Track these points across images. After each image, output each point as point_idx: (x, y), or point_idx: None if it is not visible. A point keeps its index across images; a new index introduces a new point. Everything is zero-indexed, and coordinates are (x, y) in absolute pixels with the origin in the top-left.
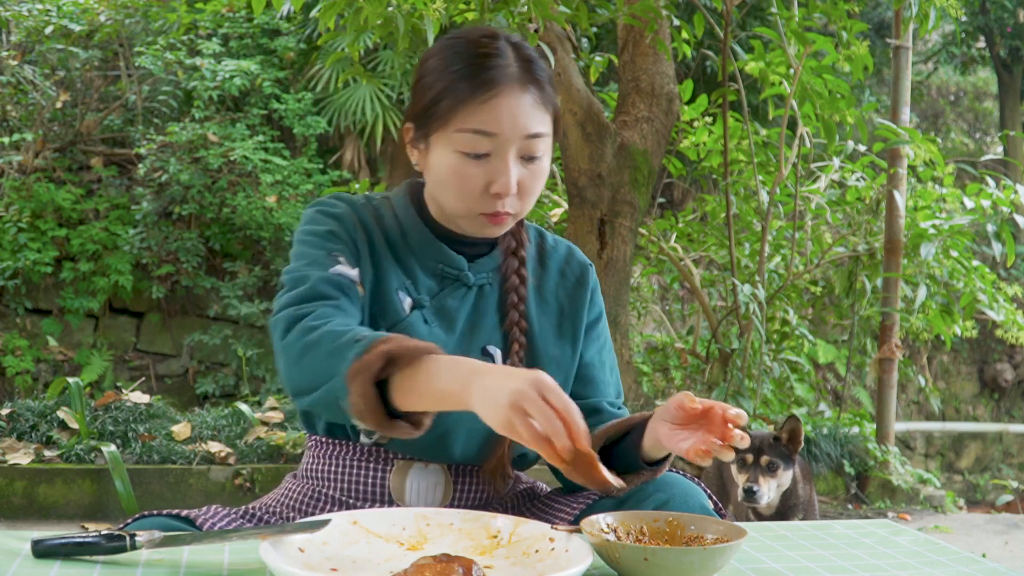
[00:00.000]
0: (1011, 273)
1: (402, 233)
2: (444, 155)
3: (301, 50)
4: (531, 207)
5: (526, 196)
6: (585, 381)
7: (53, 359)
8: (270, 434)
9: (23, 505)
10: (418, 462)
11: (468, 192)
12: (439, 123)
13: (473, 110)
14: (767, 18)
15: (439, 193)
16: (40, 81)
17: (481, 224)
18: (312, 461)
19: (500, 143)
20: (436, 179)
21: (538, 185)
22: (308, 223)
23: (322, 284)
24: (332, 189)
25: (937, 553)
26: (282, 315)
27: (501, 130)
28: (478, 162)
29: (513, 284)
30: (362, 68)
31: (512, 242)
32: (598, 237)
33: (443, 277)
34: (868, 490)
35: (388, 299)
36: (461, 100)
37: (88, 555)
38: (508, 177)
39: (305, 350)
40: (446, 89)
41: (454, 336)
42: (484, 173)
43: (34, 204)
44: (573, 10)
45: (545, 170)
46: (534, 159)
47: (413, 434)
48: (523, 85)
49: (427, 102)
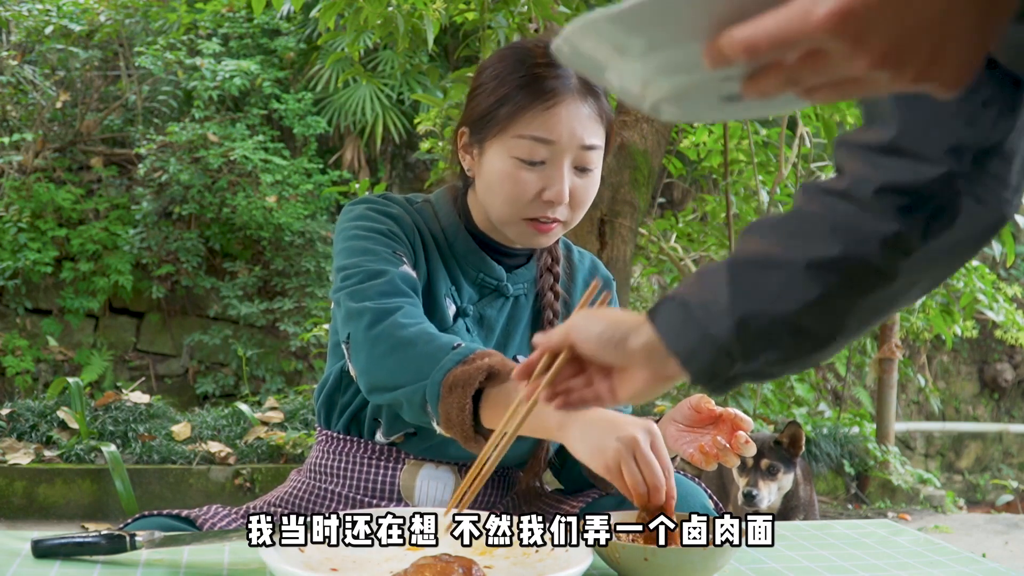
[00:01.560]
0: (1011, 273)
1: (446, 240)
2: (499, 161)
3: (301, 50)
4: (580, 218)
5: (577, 206)
6: None
7: (53, 359)
8: (270, 434)
9: (23, 505)
10: (429, 462)
11: (520, 198)
12: (497, 129)
13: (533, 117)
14: None
15: (490, 198)
16: (40, 81)
17: (528, 233)
18: (321, 456)
19: (556, 152)
20: (489, 184)
21: (589, 196)
22: (362, 219)
23: (400, 280)
24: (332, 189)
25: (937, 553)
26: (365, 307)
27: (559, 138)
28: (533, 169)
29: (549, 300)
30: (362, 68)
31: (548, 258)
32: (598, 237)
33: (482, 286)
34: (868, 490)
35: (437, 304)
36: (521, 107)
37: (88, 555)
38: (562, 185)
39: (396, 347)
40: (506, 96)
41: (491, 345)
42: (538, 180)
43: (34, 204)
44: (573, 10)
45: (596, 182)
46: (587, 170)
47: None
48: (583, 96)
49: (486, 108)
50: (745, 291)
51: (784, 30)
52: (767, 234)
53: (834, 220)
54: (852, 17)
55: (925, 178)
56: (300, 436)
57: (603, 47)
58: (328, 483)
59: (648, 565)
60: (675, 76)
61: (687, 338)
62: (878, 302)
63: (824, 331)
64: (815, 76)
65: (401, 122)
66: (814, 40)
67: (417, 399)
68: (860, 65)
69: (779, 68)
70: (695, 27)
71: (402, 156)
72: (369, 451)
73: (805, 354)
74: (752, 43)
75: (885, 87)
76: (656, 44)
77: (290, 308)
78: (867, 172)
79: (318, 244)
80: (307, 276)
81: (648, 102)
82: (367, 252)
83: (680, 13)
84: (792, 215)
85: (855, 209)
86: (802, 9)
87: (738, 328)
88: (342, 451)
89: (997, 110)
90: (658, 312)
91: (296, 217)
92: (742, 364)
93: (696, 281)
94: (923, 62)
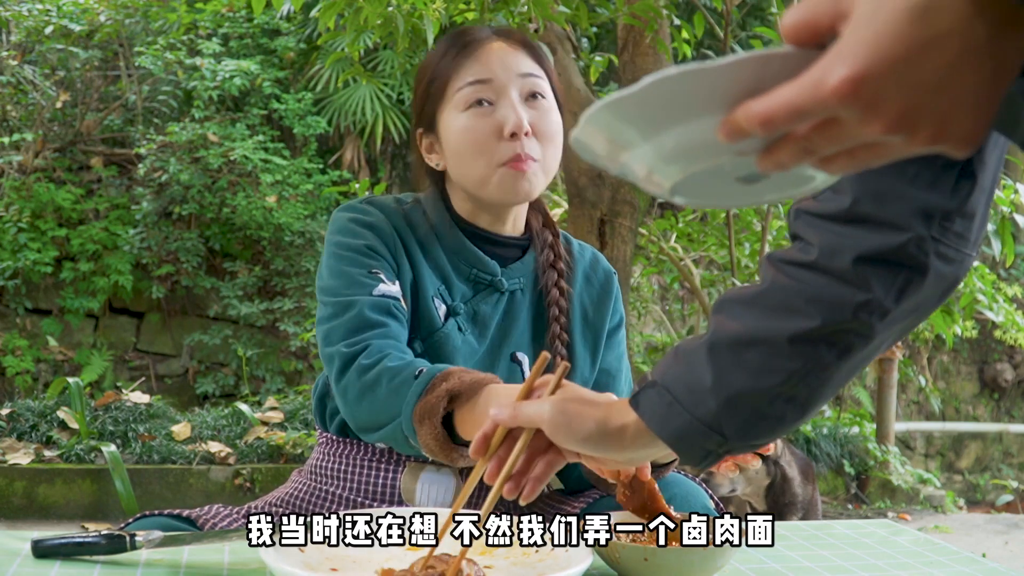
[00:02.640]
0: (1011, 273)
1: (436, 237)
2: (453, 123)
3: (301, 50)
4: (556, 157)
5: (544, 139)
6: (600, 388)
7: (53, 359)
8: (270, 434)
9: (23, 505)
10: (430, 465)
11: (485, 144)
12: (439, 99)
13: (465, 68)
14: (767, 18)
15: (462, 165)
16: (40, 81)
17: (508, 180)
18: (322, 458)
19: (498, 87)
20: (455, 151)
21: (552, 127)
22: (342, 233)
23: (369, 310)
24: (332, 189)
25: (937, 553)
26: (336, 352)
27: (494, 74)
28: (484, 112)
29: (554, 297)
30: (362, 68)
31: (550, 254)
32: (598, 237)
33: (476, 282)
34: (868, 490)
35: (425, 307)
36: (452, 67)
37: (88, 555)
38: (516, 113)
39: (364, 391)
40: (436, 69)
41: (485, 342)
42: (494, 120)
43: (34, 204)
44: (573, 10)
45: (554, 111)
46: (538, 97)
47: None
48: (504, 37)
49: (423, 92)
50: (727, 371)
51: (799, 101)
52: (742, 313)
53: (810, 293)
54: (864, 84)
55: (895, 244)
56: (300, 436)
57: (621, 131)
58: (328, 485)
59: (648, 565)
60: (690, 157)
61: (674, 423)
62: (856, 362)
63: (808, 397)
64: (830, 144)
65: (401, 122)
66: (828, 109)
67: (399, 435)
68: (874, 131)
69: (794, 139)
70: (710, 105)
71: (402, 156)
72: (369, 454)
73: (792, 422)
74: (769, 116)
75: (900, 151)
76: (670, 125)
77: (290, 308)
78: (835, 242)
79: (318, 244)
80: (307, 276)
81: (667, 186)
82: (341, 276)
83: (695, 91)
84: (765, 290)
85: (830, 280)
86: (814, 79)
87: (725, 407)
88: (342, 453)
89: (957, 172)
90: (641, 399)
91: (296, 217)
92: (732, 442)
93: (675, 363)
94: (936, 124)
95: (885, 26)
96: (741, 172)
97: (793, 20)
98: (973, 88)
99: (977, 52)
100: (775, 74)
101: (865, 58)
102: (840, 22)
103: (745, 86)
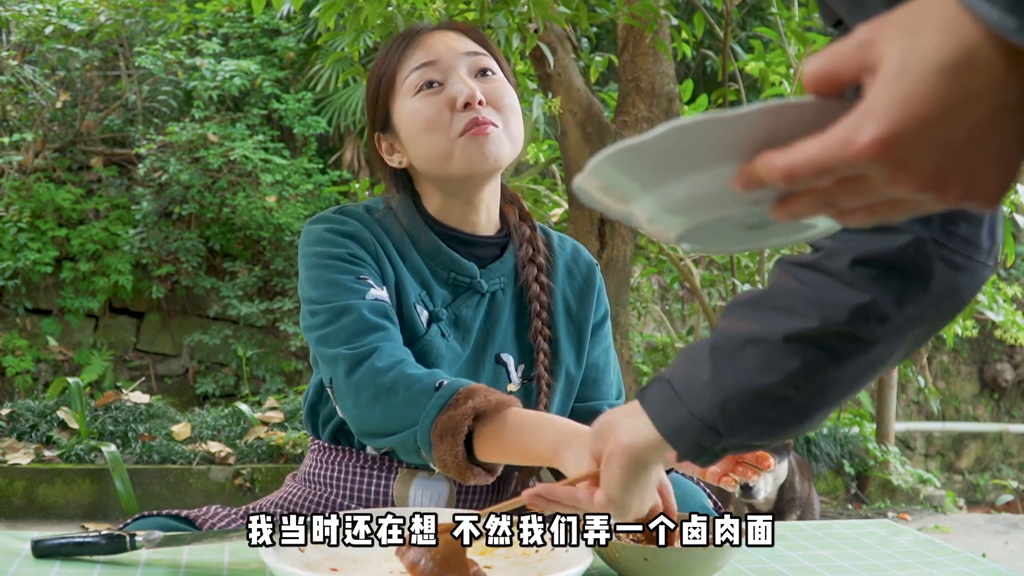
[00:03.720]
0: (1011, 273)
1: (412, 242)
2: (406, 109)
3: (301, 50)
4: (519, 126)
5: (501, 107)
6: (589, 383)
7: (53, 359)
8: (270, 434)
9: (23, 505)
10: (422, 471)
11: (439, 119)
12: (388, 93)
13: (409, 56)
14: (767, 18)
15: (422, 150)
16: (40, 81)
17: (471, 149)
18: (315, 465)
19: (445, 67)
20: (412, 138)
21: (507, 98)
22: (320, 243)
23: (367, 312)
24: (332, 189)
25: (937, 553)
26: (338, 354)
27: (439, 55)
28: (435, 92)
29: (535, 292)
30: (362, 68)
31: (529, 249)
32: (598, 237)
33: (456, 286)
34: (868, 490)
35: (407, 314)
36: (397, 60)
37: (88, 555)
38: (466, 85)
39: (379, 394)
40: (383, 67)
41: (469, 346)
42: (445, 96)
43: (34, 204)
44: (573, 10)
45: (507, 85)
46: (487, 72)
47: (487, 480)
48: (448, 27)
49: (372, 92)
50: (725, 368)
51: (826, 157)
52: (745, 312)
53: (808, 293)
54: (894, 144)
55: (894, 246)
56: (300, 436)
57: (625, 180)
58: (322, 491)
59: (648, 565)
60: (698, 207)
61: (672, 417)
62: (859, 370)
63: (806, 401)
64: (853, 200)
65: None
66: (856, 168)
67: (410, 445)
68: (902, 189)
69: (814, 191)
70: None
71: None
72: (361, 460)
73: (790, 426)
74: (792, 170)
75: (926, 208)
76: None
77: (290, 308)
78: (835, 243)
79: None
80: None
81: (674, 234)
82: (330, 284)
83: (708, 141)
84: (769, 291)
85: (829, 280)
86: (843, 137)
87: (721, 404)
88: (334, 460)
89: None
90: (647, 393)
91: (296, 217)
92: (727, 439)
93: (681, 360)
94: (965, 181)
95: (916, 84)
96: (750, 220)
97: (815, 69)
98: (1004, 144)
99: (1009, 109)
100: (792, 124)
101: (896, 117)
102: (866, 75)
103: (761, 136)
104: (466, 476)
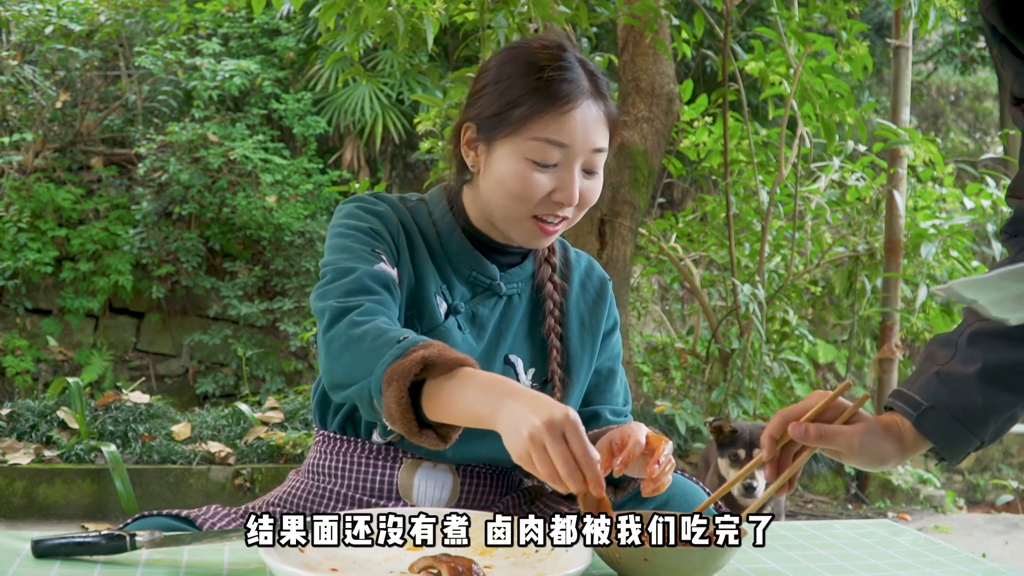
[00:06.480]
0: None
1: (439, 238)
2: (511, 161)
3: (301, 50)
4: (580, 215)
5: (583, 207)
6: (595, 390)
7: (53, 359)
8: (270, 434)
9: (23, 505)
10: (426, 461)
11: (531, 198)
12: (509, 130)
13: (549, 121)
14: (767, 18)
15: (497, 197)
16: (40, 81)
17: (532, 232)
18: (319, 456)
19: (569, 155)
20: (498, 182)
21: (595, 197)
22: (349, 217)
23: (367, 278)
24: (332, 189)
25: (937, 553)
26: (327, 306)
27: (573, 142)
28: (545, 171)
29: (549, 291)
30: (362, 68)
31: (544, 250)
32: (598, 237)
33: (475, 285)
34: (868, 490)
35: (427, 302)
36: (536, 111)
37: (88, 555)
38: (574, 188)
39: (347, 344)
40: (519, 99)
41: (483, 343)
42: (550, 181)
43: (34, 204)
44: (573, 10)
45: (601, 182)
46: (594, 173)
47: (440, 446)
48: (594, 99)
49: (496, 109)
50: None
51: None
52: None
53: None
54: None
55: None
56: (300, 436)
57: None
58: (326, 483)
59: (648, 565)
60: None
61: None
62: None
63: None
64: None
65: (401, 122)
66: None
67: (365, 396)
68: None
69: None
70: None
71: (402, 156)
72: (366, 450)
73: None
74: None
75: None
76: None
77: (290, 308)
78: None
79: (318, 244)
80: (307, 276)
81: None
82: (344, 250)
83: None
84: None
85: None
86: None
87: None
88: (339, 451)
89: None
90: (924, 422)
91: (296, 217)
92: (985, 445)
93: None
94: None
95: None
96: None
97: None
98: None
99: None
100: None
101: None
102: None
103: None
104: (412, 431)
